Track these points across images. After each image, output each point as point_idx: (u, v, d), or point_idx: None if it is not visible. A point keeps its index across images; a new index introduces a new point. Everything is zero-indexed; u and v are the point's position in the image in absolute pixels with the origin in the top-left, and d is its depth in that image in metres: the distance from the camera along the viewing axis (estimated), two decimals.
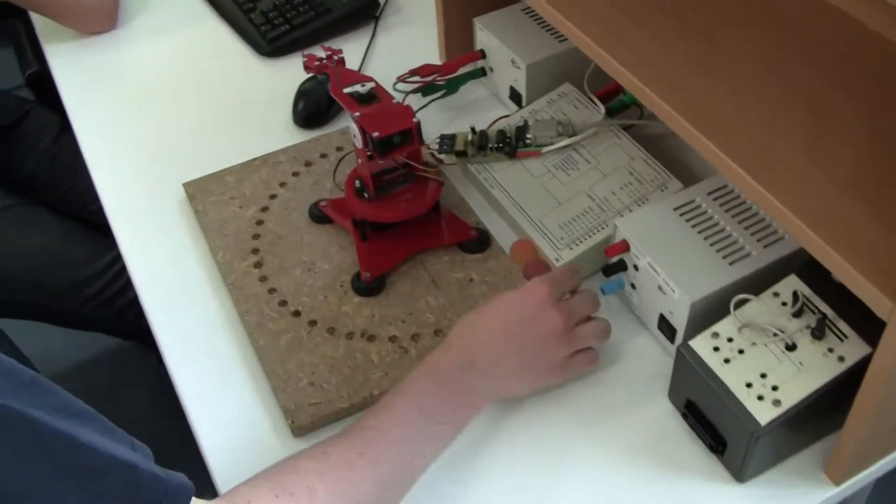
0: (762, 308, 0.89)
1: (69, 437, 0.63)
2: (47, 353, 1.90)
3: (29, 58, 1.63)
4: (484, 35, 1.25)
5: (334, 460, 0.80)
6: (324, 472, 0.79)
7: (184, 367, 1.04)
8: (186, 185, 1.21)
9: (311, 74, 1.18)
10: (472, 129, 1.16)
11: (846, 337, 0.85)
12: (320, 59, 1.11)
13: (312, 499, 0.76)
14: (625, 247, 0.98)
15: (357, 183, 1.08)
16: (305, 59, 1.12)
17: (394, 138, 1.00)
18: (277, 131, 1.30)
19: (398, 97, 1.22)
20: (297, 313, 1.05)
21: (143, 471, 0.67)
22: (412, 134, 1.01)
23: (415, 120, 1.00)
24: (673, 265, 0.94)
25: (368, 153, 1.03)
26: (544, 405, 0.96)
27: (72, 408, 0.67)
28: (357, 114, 1.01)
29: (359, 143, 1.02)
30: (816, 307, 0.87)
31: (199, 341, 1.06)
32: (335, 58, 1.11)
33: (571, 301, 0.94)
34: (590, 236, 1.04)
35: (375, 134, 0.99)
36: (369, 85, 1.04)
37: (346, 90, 1.04)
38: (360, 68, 1.37)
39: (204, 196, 1.20)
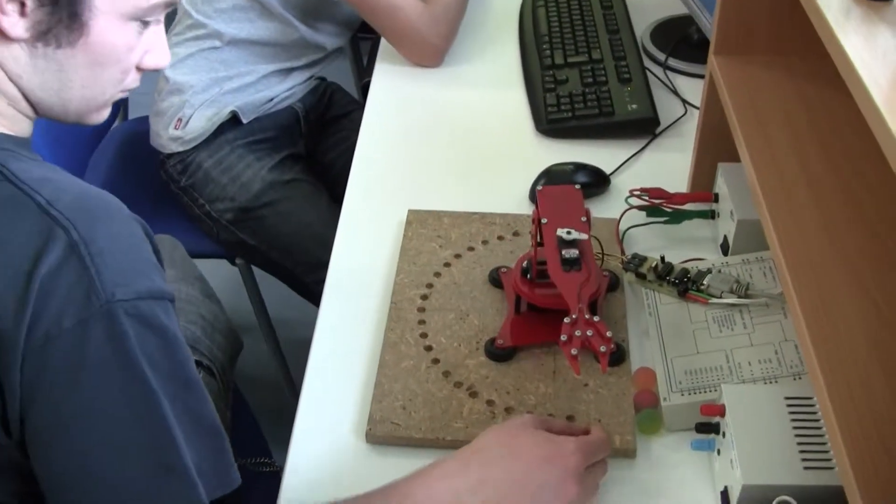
0: None
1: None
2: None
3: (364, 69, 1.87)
4: (721, 181, 1.30)
5: None
6: None
7: (325, 342, 1.22)
8: (410, 212, 1.36)
9: (564, 161, 1.34)
10: (662, 259, 1.21)
11: None
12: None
13: None
14: (721, 411, 1.00)
15: (525, 263, 1.18)
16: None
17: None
18: (511, 198, 1.42)
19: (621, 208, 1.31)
20: (429, 348, 1.16)
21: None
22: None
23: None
24: (749, 444, 0.95)
25: (539, 242, 1.12)
26: None
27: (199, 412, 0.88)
28: (544, 220, 1.11)
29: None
30: None
31: (347, 331, 1.22)
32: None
33: (594, 471, 0.98)
34: (703, 392, 1.06)
35: (544, 221, 1.08)
36: (576, 235, 1.11)
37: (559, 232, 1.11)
38: (613, 172, 1.46)
39: (418, 226, 1.34)
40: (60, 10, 0.86)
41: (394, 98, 1.67)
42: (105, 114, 0.99)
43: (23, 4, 0.85)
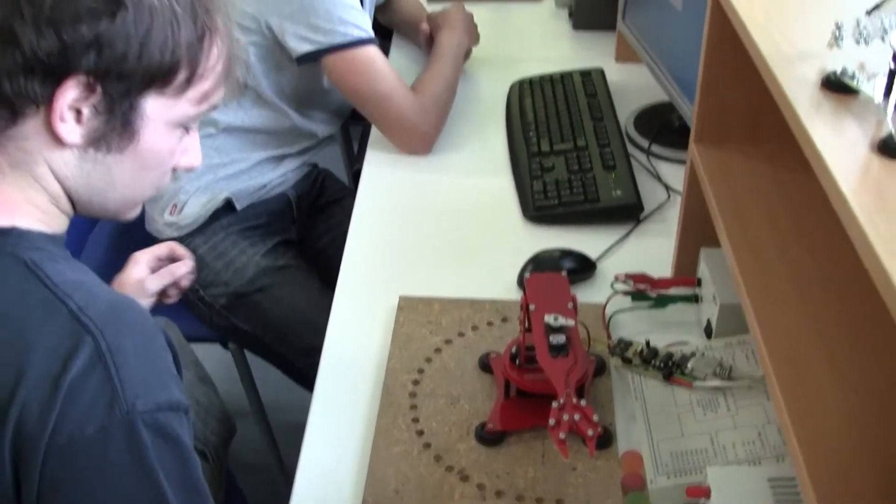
0: None
1: None
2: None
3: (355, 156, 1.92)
4: (703, 265, 1.33)
5: None
6: None
7: (318, 426, 1.24)
8: (401, 299, 1.40)
9: (551, 248, 1.40)
10: (647, 343, 1.24)
11: None
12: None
13: None
14: (707, 493, 1.02)
15: (514, 349, 1.21)
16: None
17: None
18: (500, 283, 1.45)
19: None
20: (420, 433, 1.19)
21: None
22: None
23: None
24: None
25: (527, 328, 1.15)
26: None
27: None
28: (532, 306, 1.15)
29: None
30: None
31: (340, 415, 1.25)
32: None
33: None
34: (689, 474, 1.08)
35: (532, 307, 1.11)
36: (563, 321, 1.13)
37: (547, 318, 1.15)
38: (599, 258, 1.49)
39: (409, 312, 1.37)
40: (115, 119, 0.91)
41: (384, 185, 1.72)
42: (138, 210, 1.05)
43: (79, 112, 0.89)
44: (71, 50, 0.86)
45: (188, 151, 1.02)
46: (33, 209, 0.92)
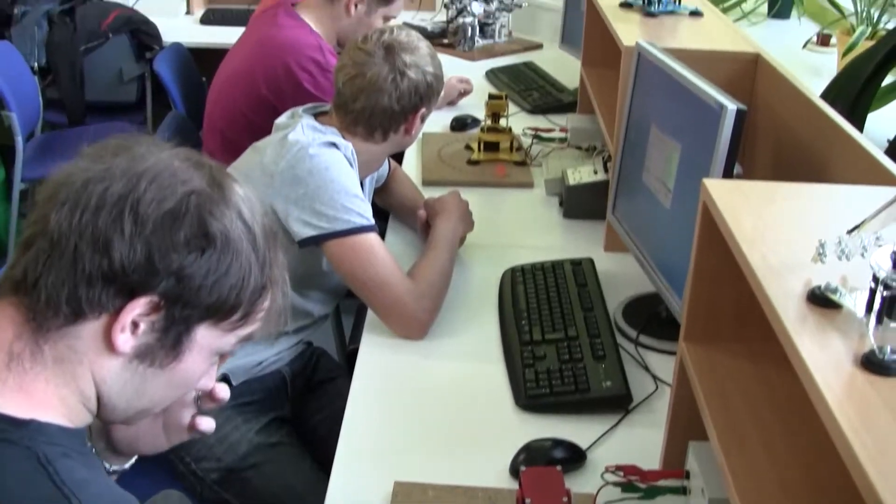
0: None
1: None
2: None
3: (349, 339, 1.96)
4: (692, 459, 1.37)
5: None
6: None
7: None
8: (396, 484, 1.42)
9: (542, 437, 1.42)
10: None
11: None
12: None
13: None
14: None
15: None
16: None
17: None
18: (492, 471, 1.48)
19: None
20: None
21: None
22: None
23: None
24: None
25: None
26: None
27: None
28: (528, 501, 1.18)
29: None
30: None
31: None
32: None
33: None
34: None
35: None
36: None
37: None
38: (589, 448, 1.53)
39: (403, 499, 1.39)
40: (167, 338, 0.97)
41: (380, 369, 1.76)
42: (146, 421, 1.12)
43: (136, 325, 0.95)
44: (155, 274, 0.93)
45: (207, 375, 1.09)
46: (60, 405, 0.96)
